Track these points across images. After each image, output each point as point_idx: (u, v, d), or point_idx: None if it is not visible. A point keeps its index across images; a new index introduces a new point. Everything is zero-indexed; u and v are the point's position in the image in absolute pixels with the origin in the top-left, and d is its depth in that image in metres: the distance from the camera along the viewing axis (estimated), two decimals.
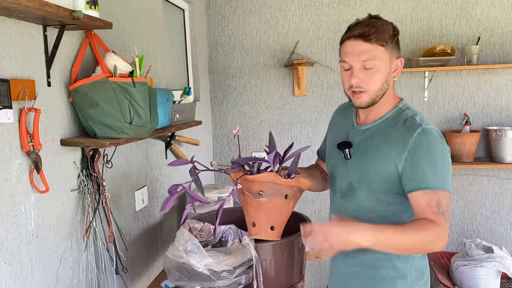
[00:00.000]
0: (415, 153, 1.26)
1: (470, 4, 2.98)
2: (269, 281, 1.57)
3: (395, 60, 1.35)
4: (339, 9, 3.10)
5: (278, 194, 1.26)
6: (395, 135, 1.32)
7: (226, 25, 3.24)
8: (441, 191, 1.24)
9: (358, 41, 1.29)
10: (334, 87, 3.17)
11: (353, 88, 1.32)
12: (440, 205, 1.24)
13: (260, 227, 1.28)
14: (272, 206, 1.26)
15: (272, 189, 1.25)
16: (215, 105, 3.34)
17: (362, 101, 1.33)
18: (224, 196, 2.40)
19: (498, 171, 3.07)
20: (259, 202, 1.26)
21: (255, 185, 1.24)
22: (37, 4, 1.08)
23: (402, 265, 1.37)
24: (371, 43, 1.28)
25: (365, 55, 1.28)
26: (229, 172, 1.32)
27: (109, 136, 1.43)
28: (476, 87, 3.04)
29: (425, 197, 1.25)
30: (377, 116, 1.39)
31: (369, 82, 1.30)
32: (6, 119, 1.13)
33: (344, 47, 1.33)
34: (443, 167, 1.27)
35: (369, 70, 1.29)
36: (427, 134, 1.27)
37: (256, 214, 1.28)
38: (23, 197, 1.24)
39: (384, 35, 1.29)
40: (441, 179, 1.25)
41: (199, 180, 1.28)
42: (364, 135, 1.40)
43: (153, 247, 2.14)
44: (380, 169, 1.32)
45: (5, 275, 1.17)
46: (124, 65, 1.46)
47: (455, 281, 2.82)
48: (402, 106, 1.39)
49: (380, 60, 1.29)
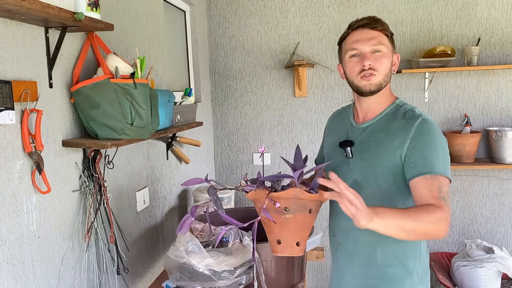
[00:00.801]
0: (417, 140, 1.29)
1: (470, 5, 2.98)
2: (270, 281, 1.58)
3: (394, 54, 1.43)
4: (340, 10, 3.11)
5: (303, 210, 1.24)
6: (396, 128, 1.35)
7: (227, 26, 3.25)
8: (442, 177, 1.26)
9: (366, 29, 1.38)
10: (334, 88, 3.18)
11: (365, 71, 1.36)
12: (441, 190, 1.25)
13: (286, 244, 1.25)
14: (297, 222, 1.25)
15: (297, 204, 1.23)
16: (216, 106, 3.34)
17: (373, 83, 1.37)
18: (224, 196, 2.40)
19: (498, 171, 3.07)
20: (285, 219, 1.23)
21: (280, 202, 1.23)
22: (39, 6, 1.09)
23: (410, 262, 1.38)
24: (377, 30, 1.38)
25: (375, 40, 1.36)
26: (248, 190, 1.28)
27: (110, 137, 1.43)
28: (477, 88, 3.04)
29: (426, 182, 1.25)
30: (375, 113, 1.42)
31: (380, 65, 1.36)
32: (8, 121, 1.14)
33: (352, 37, 1.41)
34: (444, 154, 1.31)
35: (378, 54, 1.37)
36: (427, 123, 1.32)
37: (281, 232, 1.24)
38: (25, 197, 1.25)
39: (386, 27, 1.40)
40: (443, 165, 1.28)
41: (219, 200, 1.25)
42: (364, 132, 1.42)
43: (154, 247, 2.14)
44: (385, 162, 1.33)
45: (7, 275, 1.18)
46: (126, 66, 1.47)
47: (456, 282, 2.82)
48: (399, 103, 1.44)
49: (386, 47, 1.38)
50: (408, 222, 1.15)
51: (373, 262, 1.41)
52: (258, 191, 1.26)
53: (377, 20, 1.39)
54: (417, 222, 1.16)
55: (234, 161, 3.37)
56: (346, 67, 1.43)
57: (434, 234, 1.21)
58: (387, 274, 1.39)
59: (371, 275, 1.41)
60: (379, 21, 1.39)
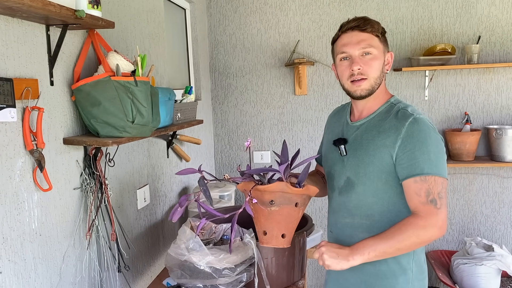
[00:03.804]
0: (408, 141, 1.29)
1: (471, 3, 2.98)
2: (271, 279, 1.58)
3: (387, 53, 1.42)
4: (340, 8, 3.11)
5: (289, 203, 1.27)
6: (388, 126, 1.35)
7: (227, 24, 3.25)
8: (433, 177, 1.26)
9: (355, 32, 1.37)
10: (334, 86, 3.18)
11: (355, 76, 1.36)
12: (430, 193, 1.26)
13: (272, 236, 1.29)
14: (282, 214, 1.27)
15: (283, 198, 1.26)
16: (216, 104, 3.34)
17: (363, 88, 1.37)
18: (225, 194, 2.40)
19: (498, 169, 3.08)
20: (270, 211, 1.26)
21: (266, 195, 1.25)
22: (40, 4, 1.09)
23: (404, 259, 1.39)
24: (367, 32, 1.36)
25: (364, 43, 1.35)
26: (238, 182, 1.33)
27: (111, 135, 1.43)
28: (477, 86, 3.04)
29: (415, 186, 1.27)
30: (370, 112, 1.43)
31: (369, 69, 1.36)
32: (10, 118, 1.14)
33: (341, 40, 1.40)
34: (436, 153, 1.29)
35: (368, 57, 1.36)
36: (419, 123, 1.31)
37: (267, 223, 1.28)
38: (26, 195, 1.25)
39: (376, 27, 1.37)
40: (435, 165, 1.28)
41: (208, 190, 1.28)
42: (358, 130, 1.43)
43: (155, 245, 2.15)
44: (376, 160, 1.34)
45: (9, 273, 1.18)
46: (126, 64, 1.47)
47: (456, 280, 2.83)
48: (393, 101, 1.43)
49: (377, 48, 1.36)
50: (389, 245, 1.26)
51: None
52: (246, 183, 1.28)
53: (366, 22, 1.37)
54: (399, 242, 1.26)
55: (234, 159, 3.38)
56: (337, 69, 1.44)
57: (423, 242, 1.29)
58: (381, 271, 1.40)
59: (366, 272, 1.43)
60: (369, 22, 1.37)
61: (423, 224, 1.25)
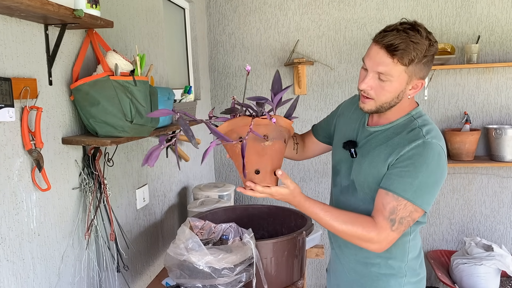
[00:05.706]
0: (405, 160, 1.25)
1: (470, 2, 2.98)
2: (270, 279, 1.58)
3: (415, 80, 1.27)
4: (339, 8, 3.10)
5: (280, 137, 1.21)
6: (397, 142, 1.29)
7: (226, 24, 3.24)
8: (405, 202, 1.22)
9: (382, 51, 1.22)
10: (334, 86, 3.18)
11: (362, 92, 1.30)
12: (394, 212, 1.23)
13: (265, 173, 1.21)
14: (275, 149, 1.20)
15: (276, 131, 1.20)
16: (216, 103, 3.34)
17: (366, 106, 1.31)
18: (224, 194, 2.40)
19: (498, 169, 3.08)
20: (264, 147, 1.18)
21: (261, 128, 1.17)
22: (39, 3, 1.09)
23: (396, 263, 1.38)
24: (392, 59, 1.20)
25: (383, 68, 1.22)
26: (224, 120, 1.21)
27: (110, 134, 1.43)
28: (476, 85, 3.04)
29: (386, 198, 1.25)
30: (388, 120, 1.36)
31: (378, 93, 1.27)
32: (8, 118, 1.14)
33: (370, 49, 1.27)
34: (423, 183, 1.23)
35: (382, 82, 1.25)
36: (425, 148, 1.24)
37: (261, 160, 1.20)
38: (25, 195, 1.25)
39: (409, 56, 1.20)
40: (414, 191, 1.22)
41: (190, 130, 1.15)
42: (370, 136, 1.38)
43: (154, 245, 2.14)
44: (375, 172, 1.31)
45: (7, 273, 1.18)
46: (125, 63, 1.47)
47: (455, 279, 2.83)
48: (414, 114, 1.34)
49: (396, 78, 1.23)
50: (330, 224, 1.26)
51: (359, 260, 1.43)
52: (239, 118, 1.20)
53: (400, 47, 1.19)
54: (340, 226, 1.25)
55: None
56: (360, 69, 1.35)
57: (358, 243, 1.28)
58: (372, 272, 1.40)
59: (358, 272, 1.43)
60: (403, 48, 1.19)
61: (373, 235, 1.23)
